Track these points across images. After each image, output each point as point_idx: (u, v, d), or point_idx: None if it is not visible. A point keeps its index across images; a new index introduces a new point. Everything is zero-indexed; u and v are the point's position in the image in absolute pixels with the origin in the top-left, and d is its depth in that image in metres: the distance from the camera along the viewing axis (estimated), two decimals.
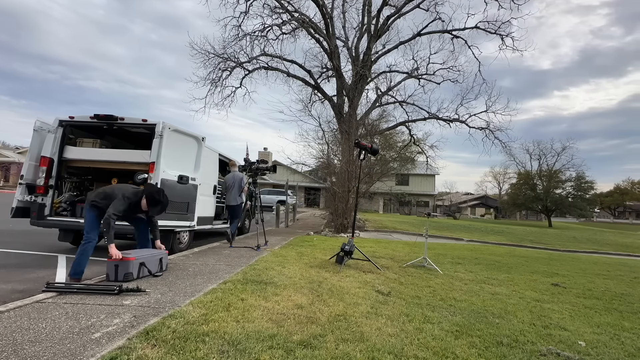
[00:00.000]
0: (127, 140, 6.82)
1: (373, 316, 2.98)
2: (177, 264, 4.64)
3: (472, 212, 47.12)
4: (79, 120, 5.43)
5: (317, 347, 2.25)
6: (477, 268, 6.10)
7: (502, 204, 50.21)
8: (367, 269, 5.10)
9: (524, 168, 40.02)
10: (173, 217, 5.30)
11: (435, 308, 3.39)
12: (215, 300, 3.06)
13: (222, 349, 2.12)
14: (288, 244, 7.36)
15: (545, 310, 3.66)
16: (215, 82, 14.95)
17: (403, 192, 37.25)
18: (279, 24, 14.78)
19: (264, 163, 7.10)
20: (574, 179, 36.46)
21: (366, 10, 15.33)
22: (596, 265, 8.04)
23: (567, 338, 2.85)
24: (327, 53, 14.99)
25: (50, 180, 5.24)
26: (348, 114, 14.47)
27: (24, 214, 5.22)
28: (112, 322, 2.46)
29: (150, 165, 5.05)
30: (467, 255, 7.96)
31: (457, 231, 16.88)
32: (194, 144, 5.93)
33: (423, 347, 2.40)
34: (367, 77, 15.34)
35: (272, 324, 2.60)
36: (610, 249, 13.95)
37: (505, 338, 2.71)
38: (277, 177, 31.00)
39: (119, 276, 3.56)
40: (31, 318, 2.46)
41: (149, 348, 2.07)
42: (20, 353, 1.94)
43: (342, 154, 12.79)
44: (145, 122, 5.30)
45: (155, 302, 2.95)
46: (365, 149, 5.65)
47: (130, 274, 3.59)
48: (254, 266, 4.69)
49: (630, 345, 2.84)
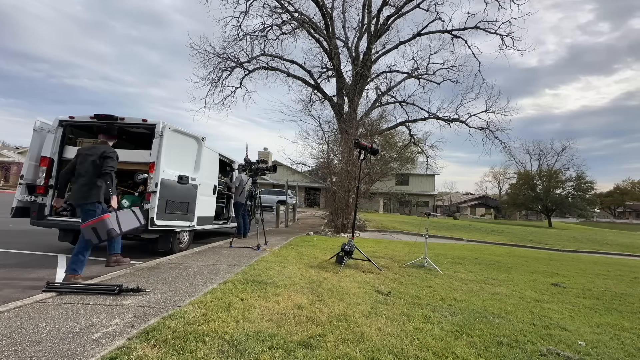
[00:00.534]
0: (127, 140, 6.82)
1: (373, 316, 2.98)
2: (177, 264, 4.64)
3: (472, 212, 47.11)
4: (79, 120, 5.43)
5: (317, 347, 2.25)
6: (477, 268, 6.10)
7: (502, 204, 50.20)
8: (367, 269, 5.10)
9: (524, 168, 40.13)
10: (173, 217, 5.31)
11: (435, 308, 3.39)
12: (215, 300, 3.06)
13: (222, 349, 2.13)
14: (288, 244, 7.36)
15: (545, 310, 3.66)
16: (215, 82, 14.98)
17: (403, 192, 37.24)
18: (279, 24, 14.80)
19: (264, 163, 7.10)
20: (574, 179, 36.51)
21: (366, 10, 15.34)
22: (596, 265, 8.04)
23: (567, 338, 2.85)
24: (327, 53, 15.00)
25: (50, 180, 5.23)
26: (348, 114, 14.48)
27: (24, 214, 5.22)
28: (112, 322, 2.47)
29: (151, 165, 5.05)
30: (467, 255, 7.96)
31: (457, 231, 16.88)
32: (194, 144, 5.93)
33: (423, 347, 2.40)
34: (367, 77, 15.34)
35: (272, 324, 2.60)
36: (610, 249, 13.96)
37: (505, 338, 2.71)
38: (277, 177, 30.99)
39: (101, 236, 3.44)
40: (31, 318, 2.46)
41: (149, 348, 2.07)
42: (21, 353, 1.94)
43: (342, 154, 12.80)
44: (145, 122, 5.30)
45: (155, 302, 2.96)
46: (365, 149, 5.65)
47: (112, 229, 3.48)
48: (254, 266, 4.69)
49: (630, 345, 2.84)
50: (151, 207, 4.92)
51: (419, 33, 15.87)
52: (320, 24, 14.71)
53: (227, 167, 8.45)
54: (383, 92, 17.12)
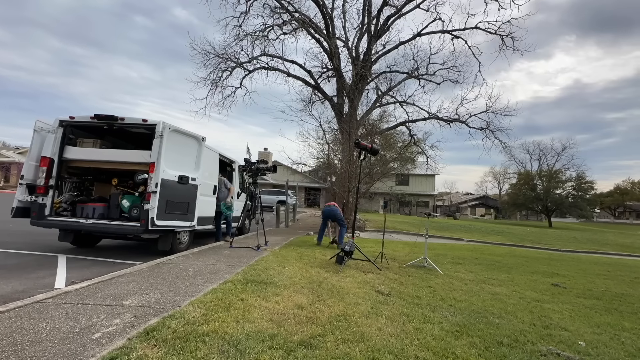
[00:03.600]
0: (127, 140, 6.82)
1: (373, 316, 2.98)
2: (177, 264, 4.64)
3: (472, 212, 47.08)
4: (79, 121, 5.43)
5: (317, 347, 2.25)
6: (477, 268, 6.10)
7: (502, 204, 50.19)
8: (367, 269, 5.10)
9: (524, 168, 40.12)
10: (173, 217, 5.30)
11: (436, 308, 3.39)
12: (216, 300, 3.06)
13: (222, 349, 2.12)
14: (288, 244, 7.36)
15: (546, 311, 3.66)
16: (216, 83, 14.98)
17: (403, 192, 37.24)
18: (279, 24, 14.80)
19: (264, 163, 7.10)
20: (574, 179, 36.52)
21: (366, 11, 15.34)
22: (596, 266, 8.03)
23: (567, 338, 2.85)
24: (327, 53, 15.00)
25: (50, 180, 5.24)
26: (348, 114, 14.48)
27: (24, 214, 5.22)
28: (112, 322, 2.46)
29: (151, 166, 5.05)
30: (467, 255, 7.96)
31: (457, 231, 16.88)
32: (194, 144, 5.93)
33: (423, 347, 2.40)
34: (367, 77, 15.34)
35: (272, 324, 2.60)
36: (611, 249, 13.94)
37: (505, 338, 2.71)
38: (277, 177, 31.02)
39: None
40: (31, 318, 2.46)
41: (149, 348, 2.07)
42: (21, 353, 1.94)
43: (342, 154, 12.81)
44: (145, 122, 5.31)
45: (156, 302, 2.95)
46: (365, 149, 5.65)
47: None
48: (254, 266, 4.69)
49: (630, 345, 2.84)
50: (151, 207, 4.91)
51: (419, 33, 15.86)
52: (320, 24, 14.71)
53: (227, 167, 8.45)
54: (383, 93, 17.12)
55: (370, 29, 15.27)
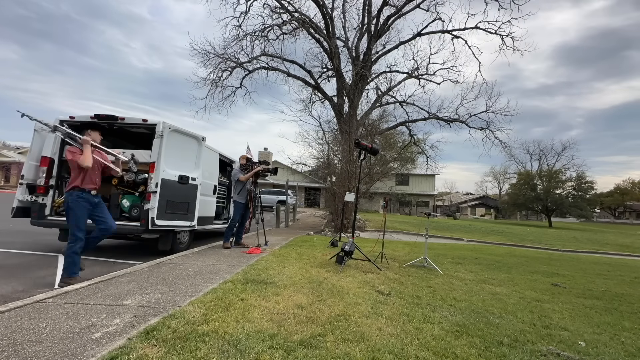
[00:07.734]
0: (127, 140, 6.82)
1: (373, 316, 2.98)
2: (177, 264, 4.64)
3: (472, 212, 47.09)
4: (79, 120, 5.43)
5: (317, 347, 2.25)
6: (477, 268, 6.10)
7: (502, 204, 50.17)
8: (367, 268, 5.10)
9: (524, 168, 40.15)
10: (173, 217, 5.31)
11: (436, 308, 3.39)
12: (216, 300, 3.06)
13: (222, 348, 2.13)
14: (288, 244, 7.36)
15: (546, 310, 3.66)
16: (216, 83, 14.99)
17: (403, 192, 37.24)
18: (279, 24, 14.81)
19: (265, 164, 7.09)
20: (574, 179, 36.53)
21: (366, 11, 15.34)
22: (596, 266, 8.03)
23: (567, 338, 2.85)
24: (327, 53, 15.00)
25: (50, 180, 5.24)
26: (348, 114, 14.48)
27: (24, 213, 5.22)
28: (112, 322, 2.47)
29: (151, 165, 5.06)
30: (467, 255, 7.96)
31: (457, 231, 16.88)
32: (194, 143, 5.94)
33: (423, 347, 2.40)
34: (367, 77, 15.34)
35: (272, 323, 2.60)
36: (611, 249, 13.94)
37: (505, 338, 2.71)
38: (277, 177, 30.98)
39: None
40: (31, 318, 2.46)
41: (149, 348, 2.07)
42: (21, 353, 1.95)
43: (342, 154, 12.79)
44: (145, 122, 5.31)
45: (156, 302, 2.96)
46: (365, 149, 5.65)
47: None
48: (254, 266, 4.69)
49: (630, 345, 2.84)
50: (151, 207, 4.92)
51: (419, 33, 15.87)
52: (320, 24, 14.71)
53: (227, 167, 8.44)
54: (383, 92, 17.12)
55: (370, 29, 15.27)
